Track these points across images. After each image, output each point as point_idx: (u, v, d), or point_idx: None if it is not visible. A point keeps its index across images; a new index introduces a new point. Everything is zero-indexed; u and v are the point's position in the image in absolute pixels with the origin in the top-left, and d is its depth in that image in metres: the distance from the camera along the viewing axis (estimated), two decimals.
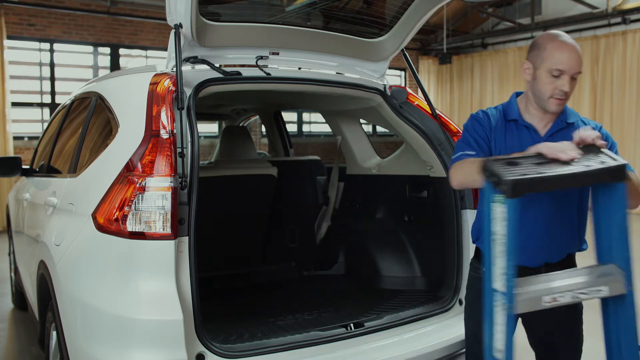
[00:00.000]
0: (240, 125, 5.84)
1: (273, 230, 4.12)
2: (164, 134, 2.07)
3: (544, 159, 1.71)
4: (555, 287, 1.75)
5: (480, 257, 2.05)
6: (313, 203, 4.02)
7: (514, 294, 1.65)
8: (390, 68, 3.29)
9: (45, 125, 4.50)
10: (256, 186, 3.58)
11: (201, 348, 2.05)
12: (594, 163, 1.69)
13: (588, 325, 2.26)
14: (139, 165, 2.03)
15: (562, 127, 1.98)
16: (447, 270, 2.81)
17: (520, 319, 2.07)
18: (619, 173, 1.69)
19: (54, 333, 2.46)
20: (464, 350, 2.37)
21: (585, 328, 2.23)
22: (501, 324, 1.65)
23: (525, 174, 1.63)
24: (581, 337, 2.16)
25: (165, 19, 2.31)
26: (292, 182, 3.89)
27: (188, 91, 2.26)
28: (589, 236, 1.99)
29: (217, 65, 2.49)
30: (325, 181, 4.08)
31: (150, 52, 10.48)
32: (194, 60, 2.48)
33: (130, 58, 10.47)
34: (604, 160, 1.70)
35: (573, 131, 1.90)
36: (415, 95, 3.04)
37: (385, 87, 2.97)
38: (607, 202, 1.79)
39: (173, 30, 2.26)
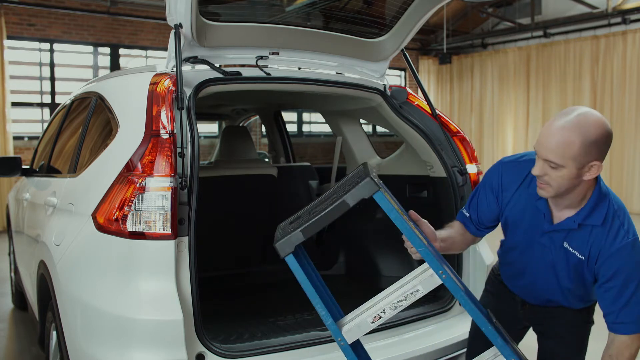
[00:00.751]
0: (240, 125, 5.85)
1: (273, 231, 4.12)
2: (164, 134, 2.07)
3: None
4: (378, 306, 1.75)
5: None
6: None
7: (337, 329, 1.73)
8: (390, 68, 3.29)
9: (45, 125, 4.50)
10: (256, 186, 3.58)
11: (201, 348, 2.05)
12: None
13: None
14: (139, 165, 2.03)
15: (571, 229, 1.79)
16: None
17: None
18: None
19: (54, 333, 2.46)
20: (464, 350, 2.37)
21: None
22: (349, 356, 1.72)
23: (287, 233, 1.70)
24: (577, 346, 2.08)
25: (165, 19, 2.31)
26: (287, 186, 3.89)
27: (188, 91, 2.26)
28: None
29: (217, 65, 2.49)
30: (318, 185, 4.08)
31: (150, 52, 10.48)
32: (194, 60, 2.48)
33: (130, 58, 10.46)
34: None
35: (589, 233, 1.76)
36: (415, 95, 3.04)
37: (385, 87, 2.97)
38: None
39: (173, 30, 2.27)
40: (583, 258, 1.80)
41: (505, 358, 1.65)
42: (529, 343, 2.25)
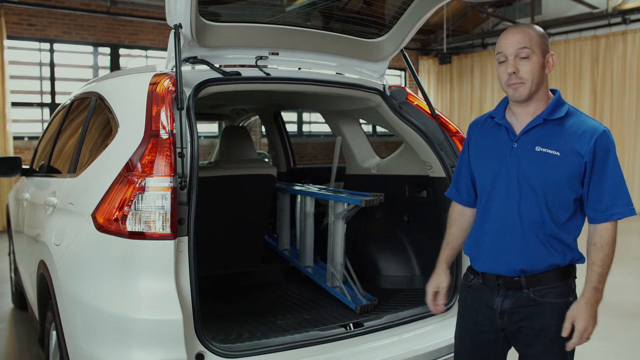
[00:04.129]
0: (240, 125, 5.85)
1: (273, 231, 4.12)
2: (164, 134, 2.08)
3: None
4: None
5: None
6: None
7: None
8: (390, 68, 3.30)
9: (45, 125, 4.50)
10: (256, 186, 3.58)
11: (201, 348, 2.06)
12: None
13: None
14: (139, 165, 2.03)
15: (538, 124, 1.88)
16: None
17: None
18: None
19: (54, 333, 2.46)
20: None
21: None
22: None
23: None
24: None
25: (165, 19, 2.31)
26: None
27: (188, 91, 2.26)
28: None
29: (216, 65, 2.50)
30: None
31: (150, 52, 10.48)
32: (194, 60, 2.48)
33: (130, 58, 10.47)
34: None
35: (557, 127, 1.85)
36: (415, 95, 3.04)
37: (384, 87, 2.98)
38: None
39: (173, 31, 2.27)
40: (558, 153, 1.82)
41: None
42: None
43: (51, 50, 9.42)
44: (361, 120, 3.88)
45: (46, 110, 9.48)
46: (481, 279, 1.97)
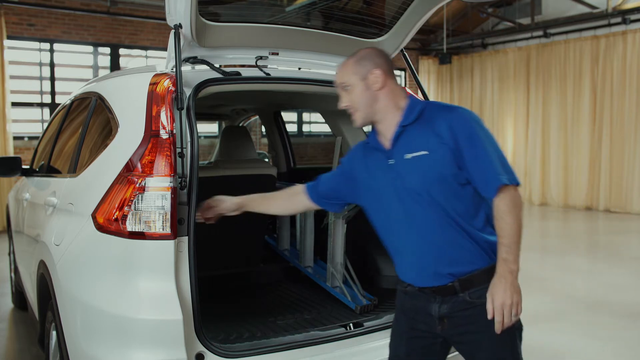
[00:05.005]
0: (240, 125, 5.85)
1: (273, 231, 4.12)
2: (164, 134, 2.08)
3: None
4: None
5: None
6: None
7: None
8: None
9: (45, 125, 4.50)
10: (256, 186, 3.58)
11: (201, 348, 2.06)
12: None
13: (586, 326, 2.23)
14: (139, 165, 2.04)
15: (400, 132, 1.90)
16: None
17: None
18: None
19: (54, 333, 2.46)
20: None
21: (582, 328, 2.17)
22: None
23: None
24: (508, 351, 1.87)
25: (165, 19, 2.31)
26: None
27: (188, 91, 2.26)
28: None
29: (216, 65, 2.50)
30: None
31: (150, 52, 10.49)
32: (194, 60, 2.48)
33: (130, 58, 10.47)
34: None
35: (417, 129, 1.87)
36: (415, 95, 3.04)
37: None
38: None
39: (173, 31, 2.27)
40: (427, 152, 1.83)
41: None
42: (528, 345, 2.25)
43: (51, 50, 9.42)
44: None
45: (46, 110, 9.48)
46: (416, 288, 1.94)
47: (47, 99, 9.47)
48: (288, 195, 2.31)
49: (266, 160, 5.94)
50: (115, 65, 10.03)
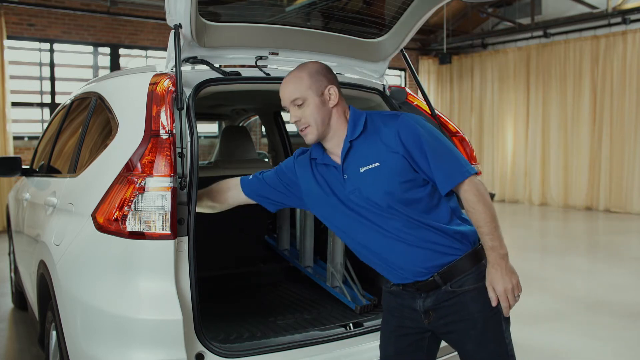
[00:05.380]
0: (240, 125, 5.85)
1: (272, 231, 4.12)
2: (164, 134, 2.08)
3: None
4: None
5: None
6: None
7: None
8: (390, 68, 3.30)
9: (45, 125, 4.51)
10: None
11: (201, 348, 2.06)
12: None
13: (586, 326, 2.23)
14: (139, 165, 2.03)
15: (348, 148, 1.91)
16: None
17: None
18: None
19: (54, 333, 2.46)
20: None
21: (582, 328, 2.18)
22: None
23: None
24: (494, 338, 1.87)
25: (165, 19, 2.31)
26: None
27: (188, 91, 2.26)
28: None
29: (216, 65, 2.50)
30: None
31: (150, 52, 10.49)
32: (194, 60, 2.48)
33: (130, 58, 10.47)
34: None
35: (365, 141, 1.88)
36: (415, 95, 3.05)
37: (384, 87, 2.98)
38: None
39: (173, 31, 2.27)
40: (378, 163, 1.84)
41: None
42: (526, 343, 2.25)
43: (51, 50, 9.42)
44: None
45: (46, 110, 9.48)
46: (400, 286, 1.95)
47: (47, 99, 9.48)
48: (217, 192, 2.24)
49: (266, 160, 5.94)
50: (115, 65, 10.03)
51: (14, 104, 9.10)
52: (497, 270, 1.78)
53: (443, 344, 2.05)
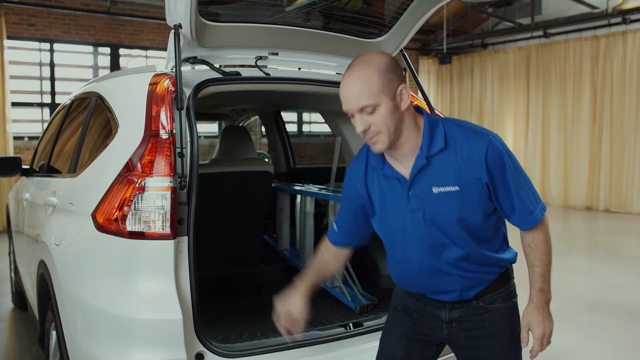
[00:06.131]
0: (240, 125, 5.85)
1: (272, 230, 4.12)
2: (164, 134, 2.08)
3: None
4: None
5: None
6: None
7: None
8: None
9: (45, 125, 4.51)
10: (252, 183, 3.58)
11: (200, 347, 2.06)
12: None
13: (586, 326, 2.23)
14: (139, 165, 2.04)
15: (423, 165, 1.68)
16: None
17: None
18: None
19: (54, 333, 2.46)
20: None
21: (582, 328, 2.19)
22: None
23: None
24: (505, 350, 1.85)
25: (165, 19, 2.31)
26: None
27: (187, 91, 2.26)
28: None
29: (216, 65, 2.50)
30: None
31: (150, 52, 10.49)
32: (194, 60, 2.48)
33: (130, 58, 10.47)
34: None
35: (444, 157, 1.67)
36: (415, 95, 3.04)
37: None
38: None
39: (173, 31, 2.27)
40: (457, 188, 1.66)
41: None
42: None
43: (51, 50, 9.42)
44: None
45: (46, 110, 9.48)
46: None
47: (47, 99, 9.48)
48: (329, 256, 2.02)
49: (266, 160, 5.94)
50: (115, 65, 10.03)
51: (14, 104, 9.10)
52: (539, 313, 1.74)
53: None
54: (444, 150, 1.68)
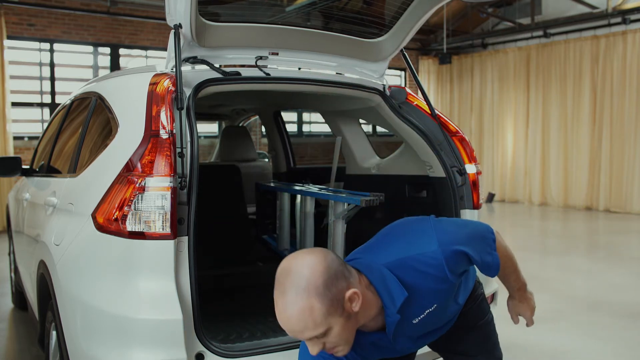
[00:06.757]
0: (240, 125, 5.85)
1: (273, 230, 4.12)
2: (164, 134, 2.08)
3: None
4: None
5: None
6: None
7: None
8: (390, 68, 3.30)
9: (45, 125, 4.51)
10: (221, 177, 3.55)
11: (200, 347, 2.05)
12: None
13: (586, 326, 2.24)
14: (139, 165, 2.03)
15: (399, 320, 1.56)
16: None
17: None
18: None
19: (54, 333, 2.46)
20: None
21: (582, 328, 2.23)
22: None
23: None
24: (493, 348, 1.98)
25: (165, 19, 2.31)
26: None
27: (187, 91, 2.26)
28: None
29: (216, 65, 2.50)
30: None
31: (150, 52, 10.49)
32: (194, 60, 2.48)
33: (130, 58, 10.47)
34: None
35: (416, 302, 1.59)
36: (415, 95, 3.05)
37: (384, 87, 2.98)
38: None
39: (173, 31, 2.27)
40: (436, 304, 1.64)
41: None
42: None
43: (51, 50, 9.42)
44: (361, 120, 3.88)
45: (46, 110, 9.48)
46: None
47: (47, 99, 9.48)
48: None
49: (266, 160, 5.95)
50: (115, 65, 10.03)
51: (14, 104, 9.10)
52: (522, 302, 1.98)
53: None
54: (413, 292, 1.56)
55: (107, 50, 9.97)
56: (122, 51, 10.15)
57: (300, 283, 1.39)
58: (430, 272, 1.57)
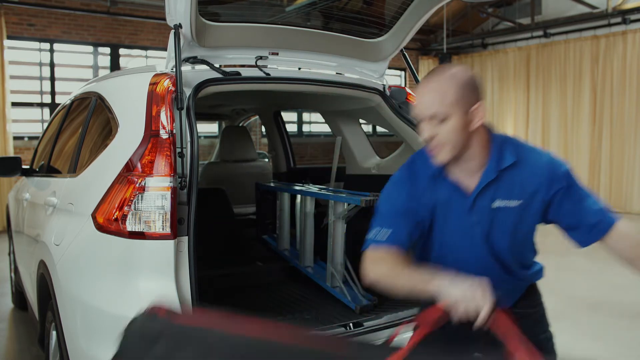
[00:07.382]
0: (240, 125, 5.85)
1: (273, 230, 4.12)
2: (164, 134, 2.08)
3: None
4: None
5: None
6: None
7: None
8: (390, 68, 3.30)
9: (45, 125, 4.51)
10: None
11: None
12: None
13: (586, 326, 2.23)
14: (139, 165, 2.04)
15: (492, 180, 1.64)
16: None
17: None
18: None
19: (54, 333, 2.46)
20: None
21: (582, 328, 2.20)
22: None
23: None
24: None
25: (165, 19, 2.31)
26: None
27: (188, 91, 2.26)
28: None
29: (216, 65, 2.50)
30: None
31: (150, 52, 10.48)
32: (194, 60, 2.48)
33: (130, 58, 10.47)
34: None
35: (509, 174, 1.63)
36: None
37: (384, 87, 2.98)
38: None
39: (173, 31, 2.27)
40: (519, 202, 1.65)
41: None
42: None
43: (51, 50, 9.42)
44: (361, 120, 3.88)
45: (46, 110, 9.48)
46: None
47: (47, 99, 9.47)
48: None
49: (266, 160, 5.95)
50: (115, 65, 10.03)
51: (14, 104, 9.09)
52: None
53: None
54: (514, 165, 1.65)
55: (107, 50, 9.97)
56: (122, 51, 10.15)
57: (449, 72, 1.61)
58: (543, 160, 1.67)
